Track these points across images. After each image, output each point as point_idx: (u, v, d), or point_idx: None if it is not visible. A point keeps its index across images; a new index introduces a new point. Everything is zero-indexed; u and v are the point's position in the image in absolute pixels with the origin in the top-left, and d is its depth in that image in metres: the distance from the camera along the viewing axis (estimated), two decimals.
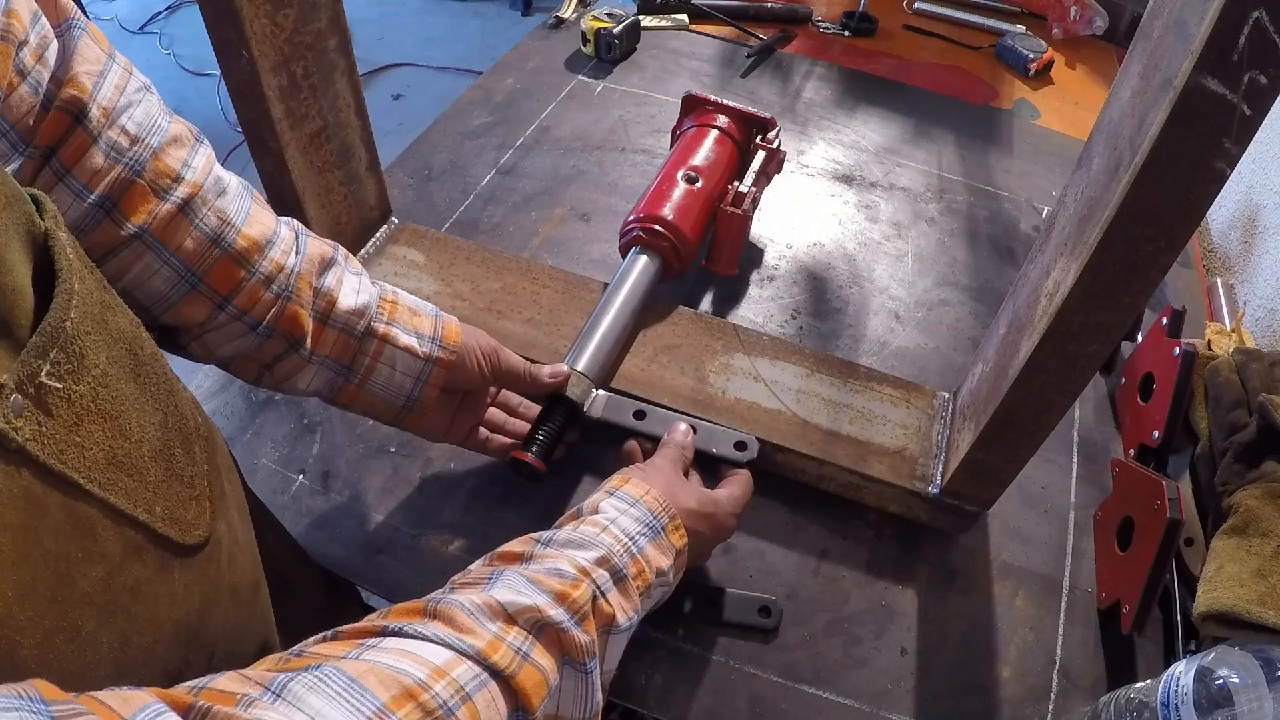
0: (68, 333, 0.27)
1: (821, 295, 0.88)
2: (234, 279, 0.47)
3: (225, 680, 0.29)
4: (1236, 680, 0.47)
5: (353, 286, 0.53)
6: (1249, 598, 0.54)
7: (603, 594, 0.43)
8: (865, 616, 0.64)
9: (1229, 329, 0.84)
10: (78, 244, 0.31)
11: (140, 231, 0.42)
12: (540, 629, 0.38)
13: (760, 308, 0.85)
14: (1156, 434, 0.70)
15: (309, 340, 0.51)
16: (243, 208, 0.48)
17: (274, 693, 0.28)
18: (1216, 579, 0.57)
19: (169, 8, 3.12)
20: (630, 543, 0.47)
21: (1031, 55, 1.25)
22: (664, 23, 1.28)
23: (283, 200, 0.69)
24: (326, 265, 0.52)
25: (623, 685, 0.58)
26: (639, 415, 0.64)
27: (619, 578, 0.45)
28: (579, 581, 0.42)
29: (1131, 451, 0.74)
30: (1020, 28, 1.33)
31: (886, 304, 0.88)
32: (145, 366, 0.34)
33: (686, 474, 0.59)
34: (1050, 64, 1.28)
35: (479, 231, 0.91)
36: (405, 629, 0.35)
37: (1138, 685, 0.54)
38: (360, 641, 0.34)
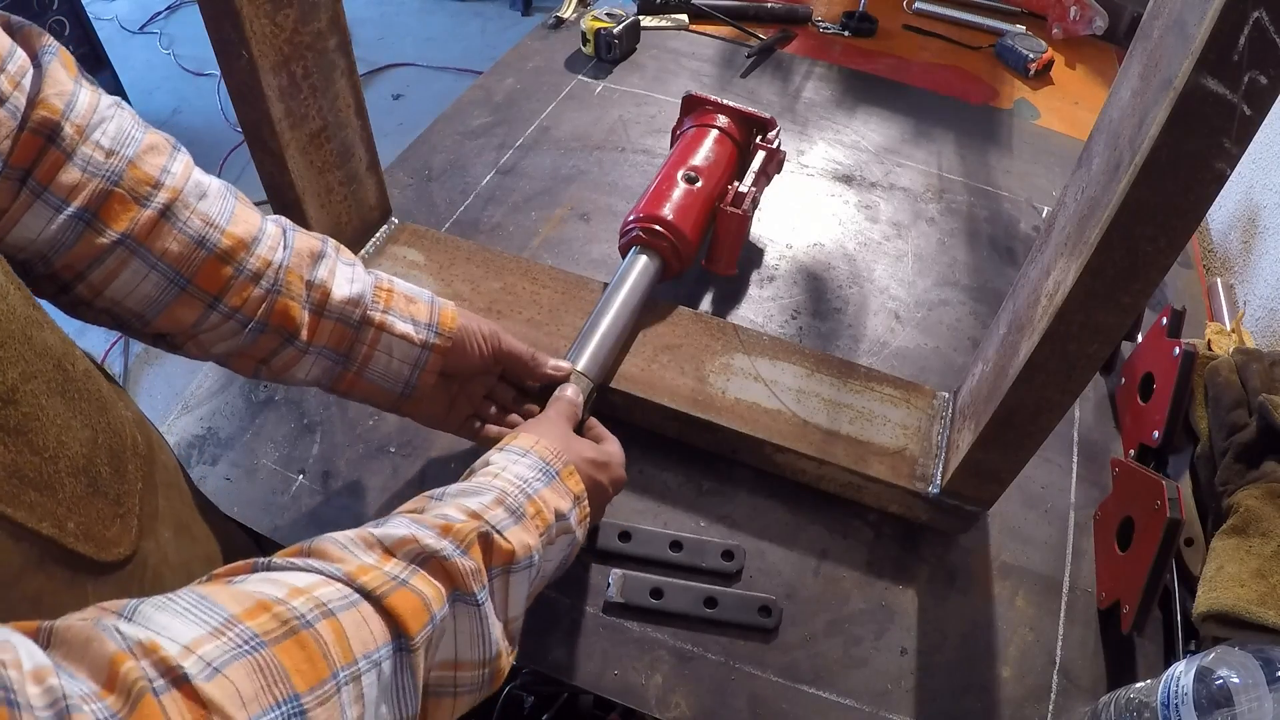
0: None
1: (821, 295, 0.88)
2: (222, 277, 0.47)
3: (83, 612, 0.29)
4: (1236, 680, 0.47)
5: (346, 276, 0.53)
6: (1249, 598, 0.54)
7: (499, 532, 0.42)
8: (865, 616, 0.64)
9: (1229, 329, 0.84)
10: (3, 262, 0.32)
11: (123, 238, 0.43)
12: (423, 559, 0.37)
13: (760, 308, 0.85)
14: (1156, 434, 0.70)
15: (305, 332, 0.51)
16: (226, 208, 0.48)
17: (125, 617, 0.29)
18: (1216, 579, 0.57)
19: (169, 8, 3.12)
20: (524, 484, 0.46)
21: (1031, 55, 1.25)
22: (664, 23, 1.28)
23: (283, 200, 0.69)
24: (317, 258, 0.52)
25: (623, 685, 0.59)
26: None
27: (517, 516, 0.44)
28: (467, 521, 0.41)
29: (1131, 451, 0.74)
30: (1020, 28, 1.33)
31: (886, 304, 0.88)
32: (75, 384, 0.34)
33: (578, 432, 0.59)
34: (1050, 64, 1.28)
35: (479, 231, 0.91)
36: (274, 563, 0.35)
37: (1138, 685, 0.54)
38: (228, 579, 0.34)
